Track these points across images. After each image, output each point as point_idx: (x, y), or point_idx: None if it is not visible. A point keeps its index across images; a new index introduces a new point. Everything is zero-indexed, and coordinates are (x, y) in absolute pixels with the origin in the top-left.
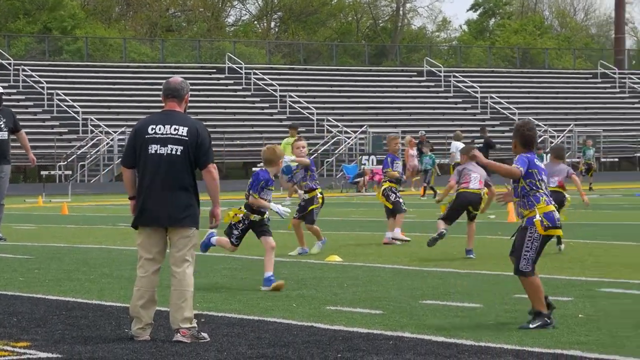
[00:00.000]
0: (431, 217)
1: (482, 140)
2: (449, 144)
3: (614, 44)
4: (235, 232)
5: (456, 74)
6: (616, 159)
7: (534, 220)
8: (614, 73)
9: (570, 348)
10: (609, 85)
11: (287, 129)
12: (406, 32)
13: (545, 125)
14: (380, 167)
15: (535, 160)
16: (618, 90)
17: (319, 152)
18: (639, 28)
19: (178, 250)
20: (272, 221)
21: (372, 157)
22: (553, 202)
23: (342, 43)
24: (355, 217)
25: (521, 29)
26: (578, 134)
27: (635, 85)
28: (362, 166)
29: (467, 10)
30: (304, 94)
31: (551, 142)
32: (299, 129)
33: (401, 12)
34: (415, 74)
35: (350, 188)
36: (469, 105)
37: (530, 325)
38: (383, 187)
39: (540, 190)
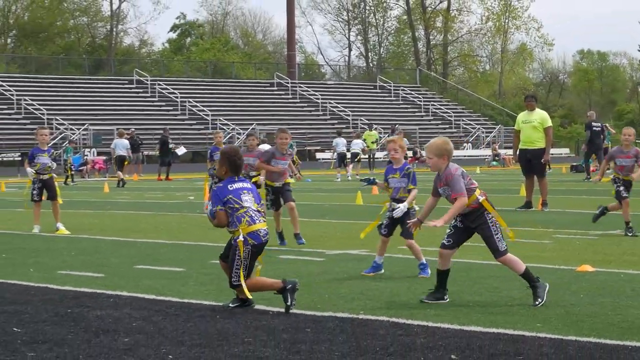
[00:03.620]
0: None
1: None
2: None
3: (287, 59)
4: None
5: (160, 83)
6: None
7: (237, 240)
8: (288, 82)
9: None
10: (283, 92)
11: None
12: (119, 48)
13: (233, 124)
14: (101, 158)
15: (232, 185)
16: (291, 96)
17: (49, 145)
18: (306, 47)
19: None
20: None
21: (94, 149)
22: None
23: (66, 57)
24: (79, 199)
25: (211, 47)
26: (259, 132)
27: (304, 93)
28: (85, 157)
29: (168, 32)
30: (36, 97)
31: (238, 139)
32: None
33: (114, 32)
34: (127, 82)
35: (76, 174)
36: (171, 108)
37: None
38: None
39: (241, 210)
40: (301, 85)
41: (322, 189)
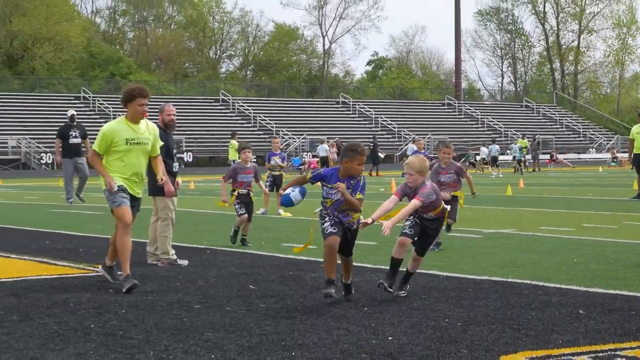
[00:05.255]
0: None
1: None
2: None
3: (454, 85)
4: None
5: (360, 103)
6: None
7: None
8: (455, 103)
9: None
10: (451, 110)
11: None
12: (329, 77)
13: (413, 134)
14: (315, 159)
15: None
16: (457, 113)
17: (281, 148)
18: (469, 75)
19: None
20: None
21: (310, 153)
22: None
23: (290, 84)
24: None
25: (397, 76)
26: (433, 140)
27: (467, 110)
28: (303, 159)
29: (365, 65)
30: (268, 114)
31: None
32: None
33: (326, 66)
34: (335, 103)
35: (296, 172)
36: (367, 122)
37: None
38: None
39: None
40: (465, 105)
41: (479, 182)
